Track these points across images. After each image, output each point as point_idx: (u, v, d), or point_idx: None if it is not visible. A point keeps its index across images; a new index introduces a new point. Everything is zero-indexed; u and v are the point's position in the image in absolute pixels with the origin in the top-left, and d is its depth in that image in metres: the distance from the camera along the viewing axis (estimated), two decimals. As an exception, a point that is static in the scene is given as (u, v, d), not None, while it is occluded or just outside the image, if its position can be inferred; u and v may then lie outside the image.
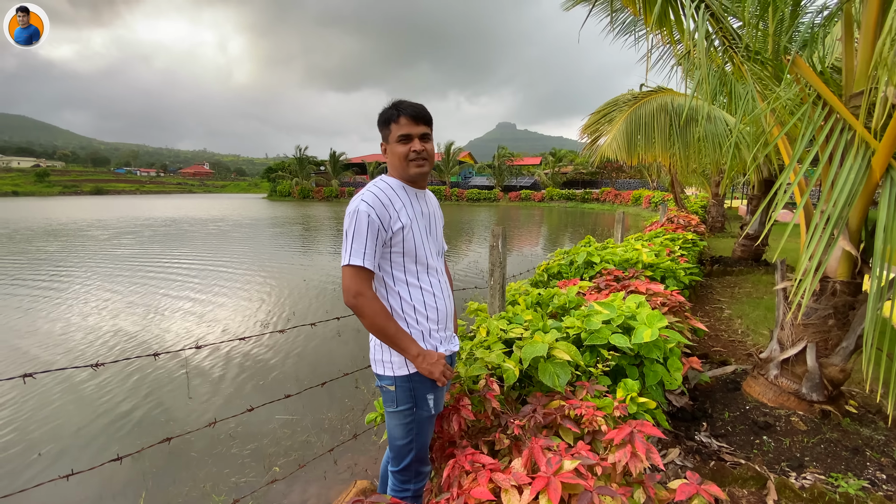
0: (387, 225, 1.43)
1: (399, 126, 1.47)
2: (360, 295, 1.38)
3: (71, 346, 5.55)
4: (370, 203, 1.41)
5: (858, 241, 2.49)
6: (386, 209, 1.43)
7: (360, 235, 1.39)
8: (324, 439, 3.49)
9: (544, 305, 2.92)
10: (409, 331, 1.51)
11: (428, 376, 1.48)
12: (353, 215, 1.41)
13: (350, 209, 1.43)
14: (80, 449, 3.50)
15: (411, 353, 1.45)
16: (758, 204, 8.30)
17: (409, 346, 1.45)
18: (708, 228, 13.01)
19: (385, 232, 1.43)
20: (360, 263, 1.38)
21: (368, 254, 1.39)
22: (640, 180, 37.95)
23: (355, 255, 1.38)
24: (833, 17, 2.95)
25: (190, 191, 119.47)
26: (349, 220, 1.42)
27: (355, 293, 1.38)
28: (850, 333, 2.57)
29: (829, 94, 2.25)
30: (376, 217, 1.40)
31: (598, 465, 1.46)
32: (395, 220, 1.45)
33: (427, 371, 1.47)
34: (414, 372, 1.50)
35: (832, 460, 2.30)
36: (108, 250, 13.57)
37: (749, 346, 4.30)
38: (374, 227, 1.40)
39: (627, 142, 5.53)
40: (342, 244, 1.43)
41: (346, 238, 1.41)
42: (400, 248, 1.47)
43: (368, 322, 1.41)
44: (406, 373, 1.50)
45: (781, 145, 2.84)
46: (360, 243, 1.39)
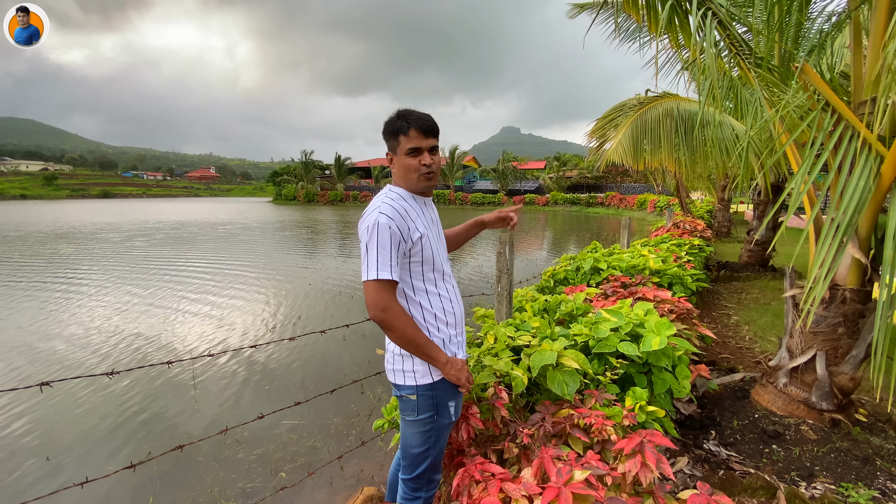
0: (406, 236, 1.42)
1: (409, 139, 1.45)
2: (388, 309, 1.37)
3: (93, 348, 5.61)
4: (389, 215, 1.40)
5: (868, 248, 2.48)
6: (405, 220, 1.43)
7: (384, 248, 1.37)
8: (330, 445, 3.50)
9: (551, 312, 2.92)
10: (432, 339, 1.51)
11: (455, 382, 1.51)
12: (373, 228, 1.38)
13: (369, 223, 1.40)
14: (87, 454, 3.52)
15: (440, 361, 1.47)
16: (765, 209, 8.26)
17: (437, 354, 1.47)
18: (714, 233, 12.94)
19: (406, 243, 1.43)
20: (387, 276, 1.37)
21: (394, 266, 1.39)
22: (644, 185, 37.86)
23: (382, 268, 1.37)
24: (841, 24, 2.95)
25: (196, 194, 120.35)
26: (370, 234, 1.39)
27: (383, 307, 1.37)
28: (860, 342, 2.55)
29: (837, 102, 2.25)
30: (397, 229, 1.39)
31: (608, 476, 1.45)
32: (414, 229, 1.45)
33: (455, 377, 1.50)
34: (438, 380, 1.50)
35: (842, 470, 2.29)
36: (122, 251, 13.73)
37: (757, 354, 4.28)
38: (396, 239, 1.39)
39: (633, 147, 5.53)
40: (362, 259, 1.40)
41: (369, 252, 1.38)
42: (419, 258, 1.47)
43: (398, 335, 1.41)
44: (430, 381, 1.50)
45: (790, 152, 2.83)
46: (384, 256, 1.37)
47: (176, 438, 3.64)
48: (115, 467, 3.04)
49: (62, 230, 21.25)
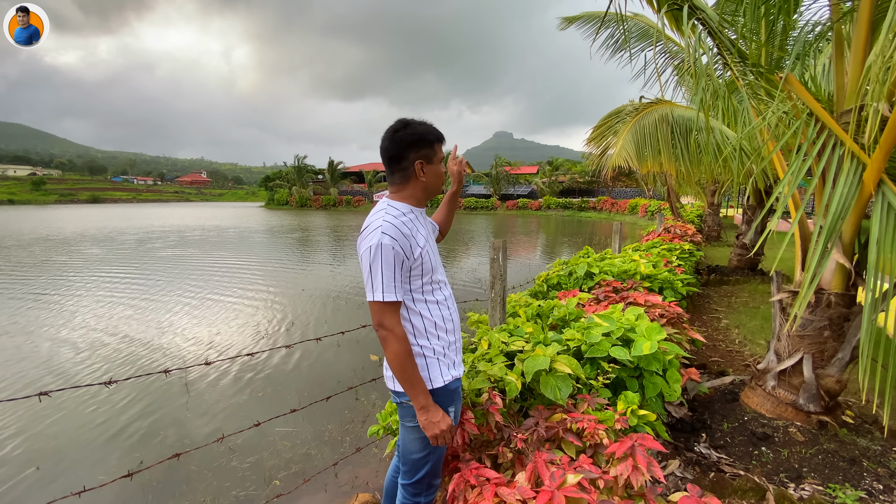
0: (409, 253, 1.43)
1: (442, 148, 1.50)
2: (390, 331, 1.39)
3: (90, 356, 5.55)
4: (392, 236, 1.39)
5: (852, 253, 2.54)
6: (406, 238, 1.43)
7: (389, 269, 1.38)
8: (324, 451, 3.49)
9: (544, 317, 2.95)
10: (432, 345, 1.52)
11: (423, 429, 1.45)
12: (377, 250, 1.37)
13: (371, 243, 1.39)
14: (79, 463, 3.48)
15: (419, 402, 1.43)
16: (753, 214, 8.39)
17: (418, 394, 1.43)
18: (704, 237, 13.10)
19: (409, 260, 1.43)
20: (392, 299, 1.38)
21: (397, 287, 1.39)
22: (636, 189, 38.19)
23: (387, 290, 1.37)
24: (825, 35, 3.03)
25: (187, 199, 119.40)
26: (372, 255, 1.38)
27: (387, 327, 1.40)
28: (846, 344, 2.61)
29: (820, 111, 2.31)
30: (400, 249, 1.40)
31: (600, 479, 1.48)
32: (416, 245, 1.45)
33: (426, 424, 1.44)
34: (438, 387, 1.51)
35: (830, 471, 2.33)
36: (137, 256, 13.57)
37: (747, 357, 4.33)
38: (399, 259, 1.39)
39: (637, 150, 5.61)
40: (366, 278, 1.40)
41: (373, 273, 1.38)
42: (419, 271, 1.48)
43: (391, 357, 1.41)
44: (436, 385, 1.50)
45: (776, 158, 2.90)
46: (389, 278, 1.38)
47: (168, 447, 3.61)
48: (107, 476, 3.02)
49: (41, 237, 20.99)
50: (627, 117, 6.06)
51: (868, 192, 2.21)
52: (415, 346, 1.51)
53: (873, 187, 2.18)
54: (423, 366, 1.51)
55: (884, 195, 2.10)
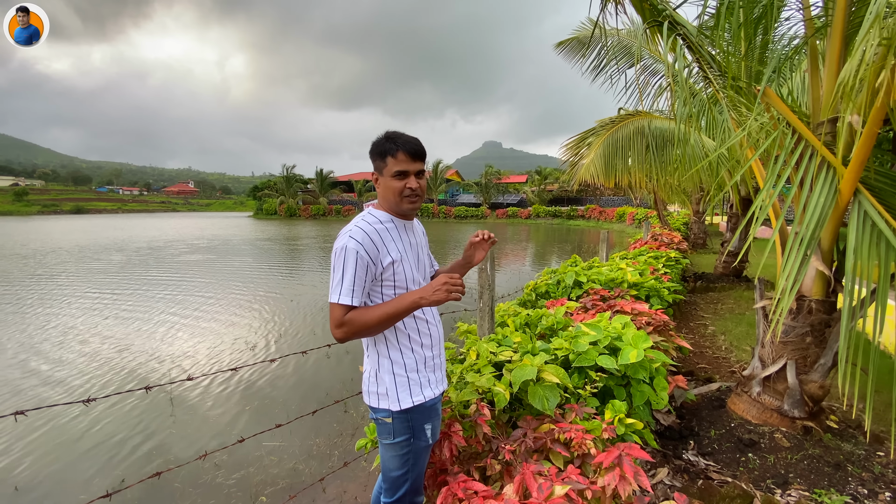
0: (377, 260, 1.43)
1: (397, 161, 1.45)
2: (348, 323, 1.38)
3: (73, 371, 5.41)
4: (359, 240, 1.40)
5: (831, 260, 2.60)
6: (375, 245, 1.43)
7: (349, 273, 1.38)
8: (312, 466, 3.43)
9: (533, 326, 2.96)
10: (404, 361, 1.50)
11: (443, 299, 1.37)
12: (341, 253, 1.40)
13: (338, 245, 1.41)
14: (62, 483, 3.38)
15: (413, 301, 1.39)
16: (737, 222, 8.54)
17: (404, 300, 1.40)
18: (690, 245, 13.28)
19: (375, 266, 1.43)
20: (348, 302, 1.38)
21: (357, 292, 1.39)
22: (623, 197, 38.68)
23: (345, 293, 1.38)
24: (800, 49, 3.12)
25: (174, 209, 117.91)
26: (337, 257, 1.41)
27: (341, 325, 1.38)
28: (827, 350, 2.65)
29: (797, 123, 2.37)
30: (365, 253, 1.40)
31: (588, 490, 1.48)
32: (385, 254, 1.45)
33: (434, 299, 1.37)
34: (413, 406, 1.49)
35: (815, 476, 2.35)
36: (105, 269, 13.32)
37: (733, 363, 4.38)
38: (364, 263, 1.40)
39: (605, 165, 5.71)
40: (331, 279, 1.42)
41: (335, 275, 1.40)
42: (391, 282, 1.47)
43: (362, 330, 1.39)
44: (404, 406, 1.48)
45: (756, 168, 2.96)
46: (349, 281, 1.38)
47: (152, 464, 3.53)
48: (87, 496, 2.93)
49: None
50: (602, 131, 6.16)
51: (845, 201, 2.27)
52: (384, 358, 1.50)
53: (849, 196, 2.24)
54: (391, 383, 1.49)
55: (860, 204, 2.16)
